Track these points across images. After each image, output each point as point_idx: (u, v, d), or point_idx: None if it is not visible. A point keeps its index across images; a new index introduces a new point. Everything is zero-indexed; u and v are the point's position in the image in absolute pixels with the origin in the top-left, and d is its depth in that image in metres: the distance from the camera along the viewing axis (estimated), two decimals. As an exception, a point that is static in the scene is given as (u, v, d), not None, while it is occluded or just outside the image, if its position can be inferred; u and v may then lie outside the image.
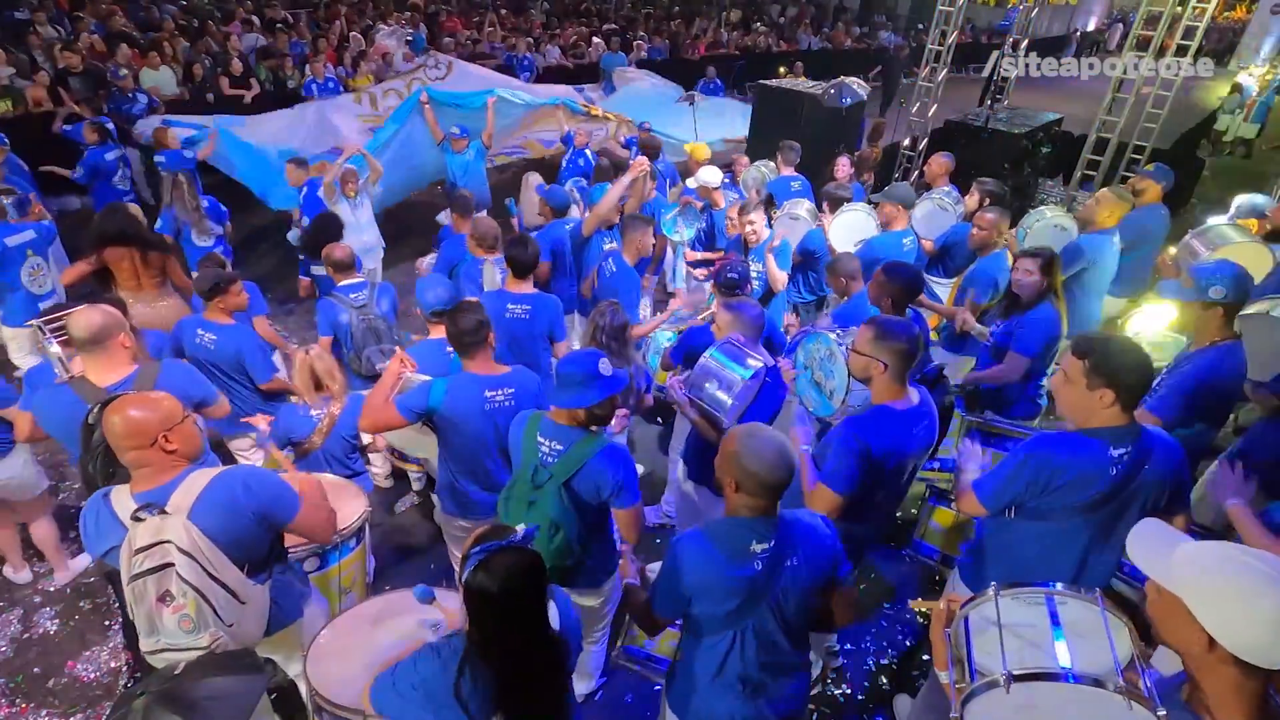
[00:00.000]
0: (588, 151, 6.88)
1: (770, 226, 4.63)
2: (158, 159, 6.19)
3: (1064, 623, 1.45)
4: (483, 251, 4.07)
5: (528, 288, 3.60)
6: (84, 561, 3.53)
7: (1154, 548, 1.27)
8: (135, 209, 4.28)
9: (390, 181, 6.41)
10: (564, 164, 6.90)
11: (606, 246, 4.34)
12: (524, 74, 10.56)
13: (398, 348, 2.94)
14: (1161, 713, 1.24)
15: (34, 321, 3.36)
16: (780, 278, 4.34)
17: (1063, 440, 2.07)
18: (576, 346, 4.09)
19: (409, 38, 10.87)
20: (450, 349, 3.15)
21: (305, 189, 5.38)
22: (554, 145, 7.62)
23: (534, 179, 6.70)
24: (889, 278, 3.17)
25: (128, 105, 7.54)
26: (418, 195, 8.10)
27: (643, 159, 4.76)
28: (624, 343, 3.19)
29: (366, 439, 3.27)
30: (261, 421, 3.13)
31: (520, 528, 1.61)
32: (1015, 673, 1.35)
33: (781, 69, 12.30)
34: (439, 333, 3.26)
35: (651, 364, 3.86)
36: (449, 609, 2.11)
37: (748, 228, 4.40)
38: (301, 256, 5.05)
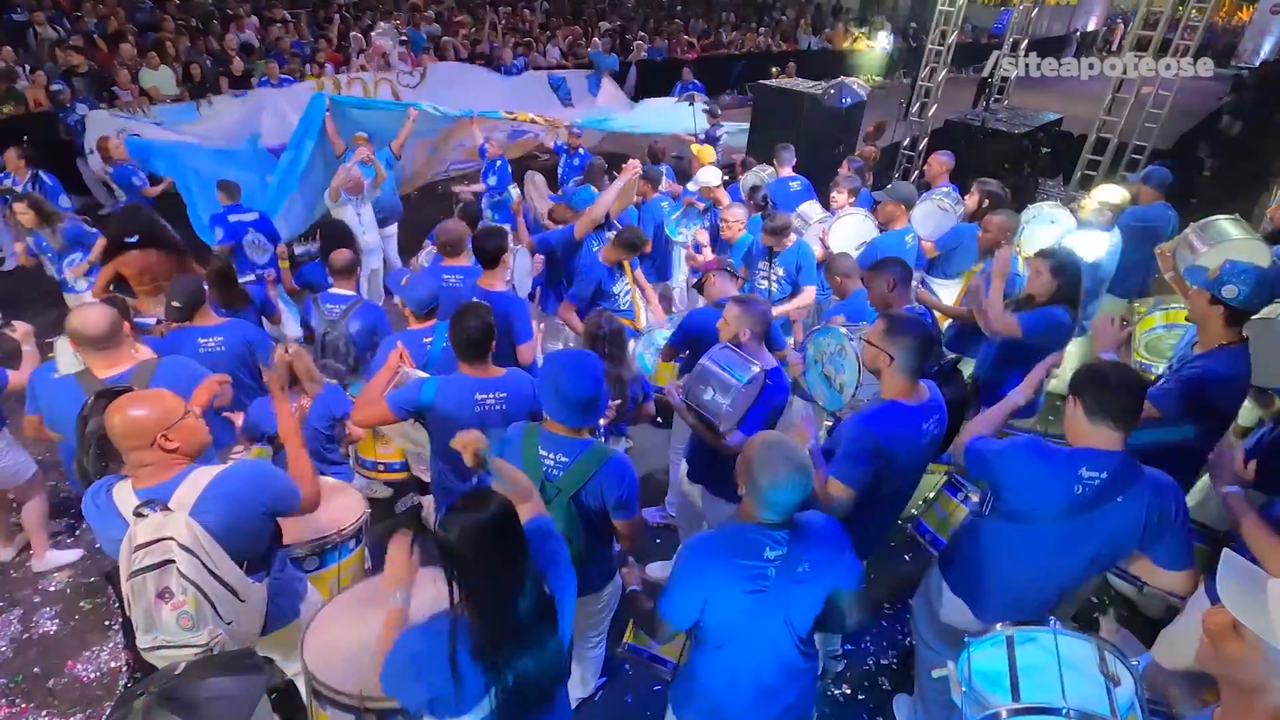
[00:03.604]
0: (498, 164, 6.64)
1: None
2: (107, 170, 6.04)
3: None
4: (452, 259, 3.95)
5: (493, 283, 3.62)
6: (67, 556, 3.55)
7: (1246, 593, 1.19)
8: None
9: (308, 202, 6.16)
10: (482, 174, 6.66)
11: (596, 249, 4.35)
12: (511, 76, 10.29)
13: (398, 343, 2.89)
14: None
15: None
16: (809, 294, 4.36)
17: (1037, 447, 2.10)
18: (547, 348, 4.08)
19: (403, 37, 10.84)
20: (427, 340, 3.24)
21: None
22: (467, 148, 7.46)
23: (537, 178, 6.68)
24: (875, 272, 3.27)
25: (64, 114, 7.39)
26: (423, 194, 8.07)
27: (634, 162, 4.76)
28: (622, 347, 3.19)
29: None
30: (238, 419, 3.09)
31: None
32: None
33: (774, 69, 12.34)
34: (419, 325, 3.34)
35: (640, 361, 3.85)
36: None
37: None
38: (301, 266, 5.03)
